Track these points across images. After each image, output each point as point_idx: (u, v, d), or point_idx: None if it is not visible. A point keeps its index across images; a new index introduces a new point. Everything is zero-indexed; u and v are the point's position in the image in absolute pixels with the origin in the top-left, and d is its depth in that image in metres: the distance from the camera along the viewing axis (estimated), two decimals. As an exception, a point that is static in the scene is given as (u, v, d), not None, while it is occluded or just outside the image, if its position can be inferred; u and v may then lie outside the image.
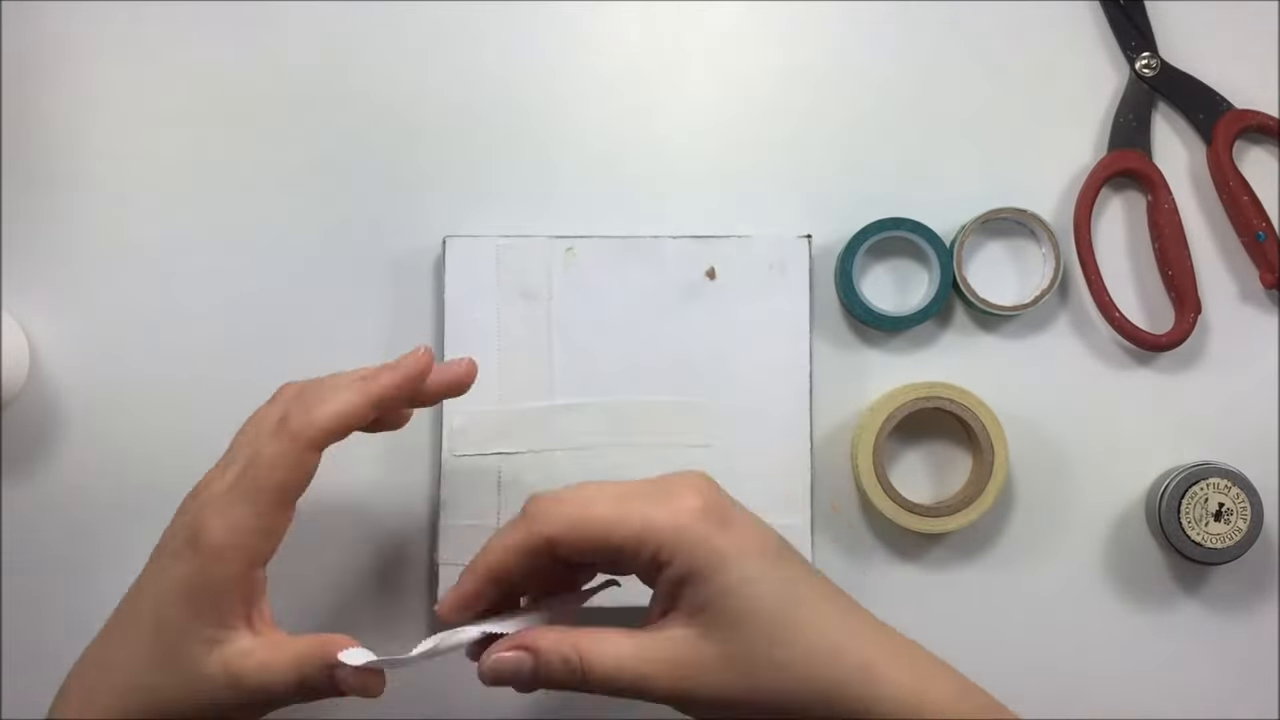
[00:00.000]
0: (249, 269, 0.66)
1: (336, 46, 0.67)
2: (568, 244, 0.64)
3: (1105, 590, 0.66)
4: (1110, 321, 0.65)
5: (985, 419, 0.63)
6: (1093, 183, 0.65)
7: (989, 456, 0.63)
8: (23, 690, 0.65)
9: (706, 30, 0.67)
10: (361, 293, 0.66)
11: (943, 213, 0.66)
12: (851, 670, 0.47)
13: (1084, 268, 0.65)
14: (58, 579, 0.65)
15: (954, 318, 0.67)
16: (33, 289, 0.66)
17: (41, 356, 0.66)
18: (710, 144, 0.67)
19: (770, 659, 0.47)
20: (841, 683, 0.47)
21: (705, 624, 0.47)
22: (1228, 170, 0.66)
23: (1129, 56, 0.67)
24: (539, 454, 0.63)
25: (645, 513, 0.47)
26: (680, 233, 0.65)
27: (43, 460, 0.66)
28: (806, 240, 0.65)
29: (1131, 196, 0.67)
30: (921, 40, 0.67)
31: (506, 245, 0.64)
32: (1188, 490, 0.63)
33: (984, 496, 0.63)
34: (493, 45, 0.67)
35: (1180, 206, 0.66)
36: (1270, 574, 0.66)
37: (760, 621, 0.47)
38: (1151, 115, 0.67)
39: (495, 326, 0.64)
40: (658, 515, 0.47)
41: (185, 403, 0.66)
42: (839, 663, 0.47)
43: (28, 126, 0.66)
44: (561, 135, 0.67)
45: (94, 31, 0.67)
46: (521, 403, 0.63)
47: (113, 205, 0.66)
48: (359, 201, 0.66)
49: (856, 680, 0.47)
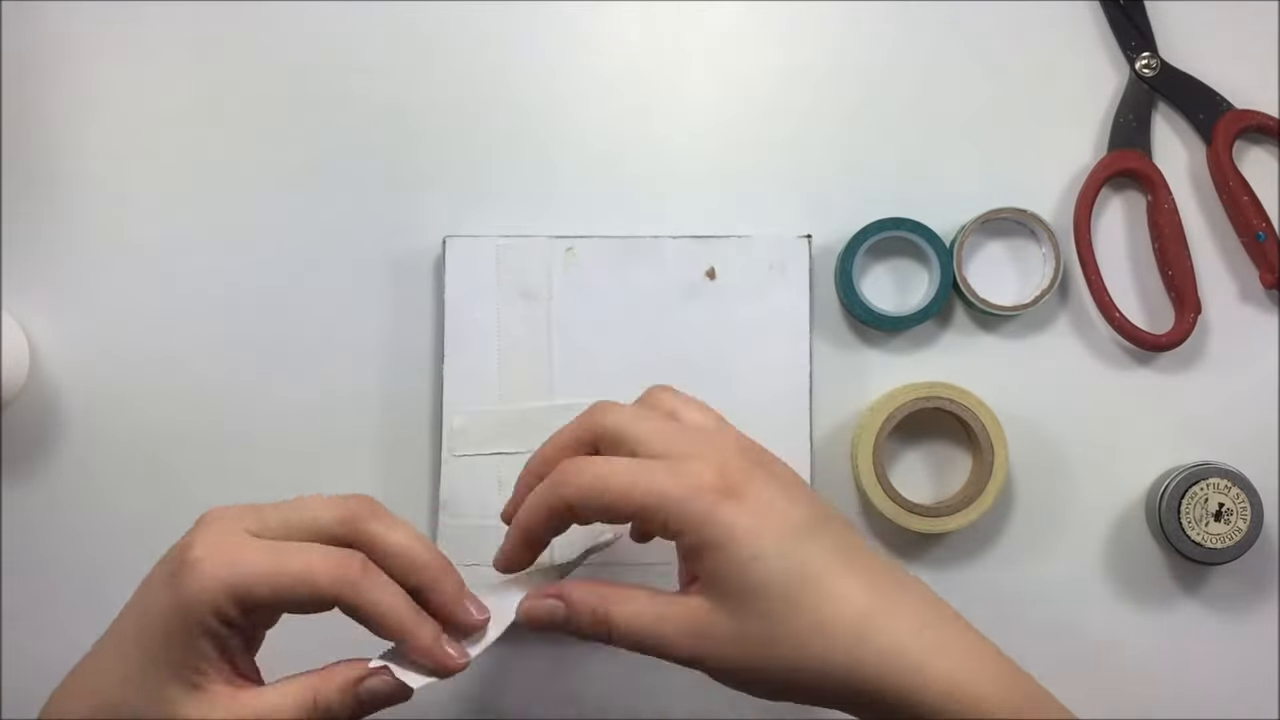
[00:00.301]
0: (249, 269, 0.66)
1: (336, 46, 0.67)
2: (568, 244, 0.64)
3: (1105, 590, 0.66)
4: (1110, 321, 0.65)
5: (985, 419, 0.63)
6: (1093, 183, 0.65)
7: (989, 456, 0.63)
8: (23, 690, 0.65)
9: (706, 30, 0.67)
10: (361, 293, 0.66)
11: (943, 213, 0.66)
12: (874, 655, 0.46)
13: (1084, 268, 0.65)
14: (58, 579, 0.65)
15: (954, 318, 0.67)
16: (33, 289, 0.66)
17: (41, 356, 0.66)
18: (710, 144, 0.67)
19: (780, 635, 0.47)
20: (861, 664, 0.46)
21: (718, 596, 0.47)
22: (1228, 170, 0.66)
23: (1129, 56, 0.67)
24: None
25: (658, 484, 0.48)
26: (680, 233, 0.65)
27: (43, 460, 0.66)
28: (806, 240, 0.65)
29: (1131, 196, 0.67)
30: (921, 40, 0.67)
31: (506, 245, 0.64)
32: (1188, 490, 0.63)
33: (984, 496, 0.63)
34: (493, 45, 0.67)
35: (1180, 206, 0.66)
36: (1270, 574, 0.66)
37: (769, 598, 0.47)
38: (1151, 115, 0.67)
39: (495, 326, 0.64)
40: (669, 487, 0.47)
41: (185, 402, 0.66)
42: (861, 645, 0.46)
43: (28, 126, 0.66)
44: (561, 135, 0.67)
45: (94, 31, 0.67)
46: (521, 403, 0.63)
47: (113, 205, 0.66)
48: (359, 201, 0.66)
49: (878, 664, 0.46)
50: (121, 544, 0.65)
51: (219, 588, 0.46)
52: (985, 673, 0.48)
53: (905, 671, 0.46)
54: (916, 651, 0.47)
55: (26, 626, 0.65)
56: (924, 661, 0.47)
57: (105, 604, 0.65)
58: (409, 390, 0.65)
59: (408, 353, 0.66)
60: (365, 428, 0.65)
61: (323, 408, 0.65)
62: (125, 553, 0.65)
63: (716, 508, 0.47)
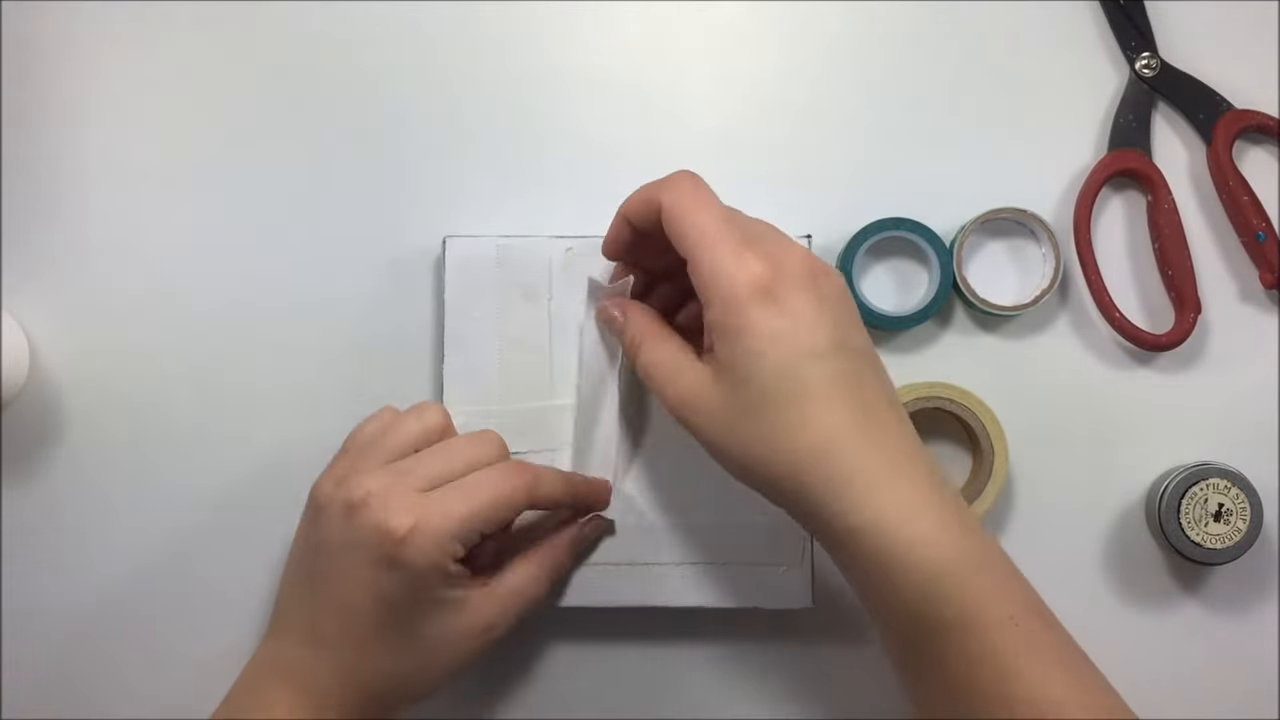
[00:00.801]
0: (249, 268, 0.66)
1: (336, 46, 0.67)
2: (568, 244, 0.64)
3: (1105, 590, 0.66)
4: (1110, 321, 0.65)
5: (985, 419, 0.63)
6: (1093, 183, 0.65)
7: (989, 457, 0.63)
8: (23, 690, 0.65)
9: (706, 30, 0.67)
10: (361, 292, 0.66)
11: (943, 213, 0.66)
12: (828, 475, 0.49)
13: (1084, 268, 0.65)
14: (58, 579, 0.65)
15: (954, 318, 0.67)
16: (33, 289, 0.66)
17: (41, 356, 0.66)
18: (710, 144, 0.67)
19: (754, 431, 0.50)
20: (814, 481, 0.49)
21: (720, 372, 0.51)
22: (1228, 170, 0.66)
23: (1129, 56, 0.67)
24: (539, 454, 0.63)
25: (717, 256, 0.51)
26: None
27: (43, 460, 0.66)
28: (806, 240, 0.65)
29: (1132, 196, 0.67)
30: (921, 40, 0.67)
31: (506, 245, 0.64)
32: (1188, 490, 0.63)
33: (984, 497, 0.63)
34: (492, 45, 0.67)
35: (1180, 206, 0.66)
36: (1270, 574, 0.66)
37: (758, 398, 0.49)
38: (1151, 115, 0.67)
39: (495, 326, 0.64)
40: (725, 263, 0.50)
41: (185, 402, 0.66)
42: (821, 463, 0.49)
43: (28, 126, 0.66)
44: (562, 135, 0.67)
45: (94, 31, 0.67)
46: (521, 403, 0.63)
47: (113, 205, 0.66)
48: (359, 201, 0.66)
49: (826, 483, 0.49)
50: (121, 544, 0.65)
51: (439, 550, 0.52)
52: (930, 517, 0.49)
53: (843, 498, 0.49)
54: (860, 487, 0.49)
55: (26, 626, 0.65)
56: (865, 498, 0.49)
57: (104, 604, 0.66)
58: (409, 389, 0.65)
59: (408, 352, 0.66)
60: (365, 428, 0.65)
61: (322, 407, 0.65)
62: (125, 553, 0.66)
63: (751, 302, 0.49)
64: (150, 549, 0.66)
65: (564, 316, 0.64)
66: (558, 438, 0.63)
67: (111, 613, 0.65)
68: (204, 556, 0.65)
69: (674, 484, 0.62)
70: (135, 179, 0.66)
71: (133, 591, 0.65)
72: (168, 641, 0.65)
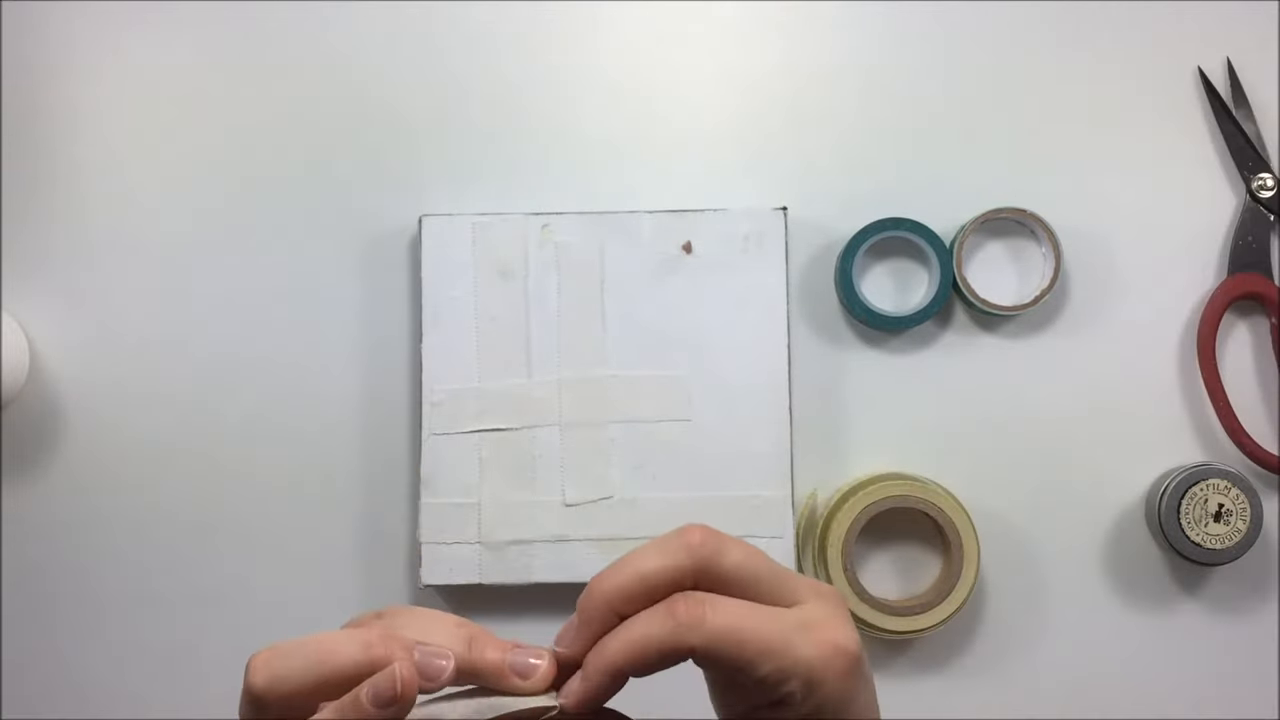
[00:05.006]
0: (235, 258, 0.66)
1: (315, 30, 0.67)
2: (544, 221, 0.64)
3: (1105, 590, 0.66)
4: (1240, 447, 0.65)
5: (955, 516, 0.62)
6: (1215, 307, 0.65)
7: (959, 555, 0.62)
8: (23, 690, 0.65)
9: (706, 28, 0.67)
10: (338, 273, 0.66)
11: (943, 213, 0.66)
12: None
13: (1210, 393, 0.65)
14: (58, 579, 0.65)
15: (954, 318, 0.67)
16: (33, 289, 0.66)
17: (41, 356, 0.66)
18: (709, 144, 0.67)
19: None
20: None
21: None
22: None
23: (1245, 177, 0.66)
24: (518, 431, 0.63)
25: (798, 649, 0.42)
26: (658, 208, 0.65)
27: (43, 460, 0.66)
28: (782, 212, 0.64)
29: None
30: (922, 40, 0.67)
31: (483, 223, 0.64)
32: (1188, 490, 0.63)
33: (952, 599, 0.62)
34: (467, 24, 0.67)
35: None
36: (1270, 574, 0.66)
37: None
38: (1270, 236, 0.66)
39: (473, 305, 0.63)
40: (809, 653, 0.42)
41: (184, 402, 0.66)
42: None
43: (28, 126, 0.66)
44: (541, 114, 0.66)
45: (94, 32, 0.67)
46: (500, 380, 0.63)
47: (113, 205, 0.66)
48: (334, 181, 0.66)
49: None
50: (121, 544, 0.65)
51: None
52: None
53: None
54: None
55: (27, 627, 0.65)
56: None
57: (105, 604, 0.66)
58: (388, 369, 0.65)
59: (386, 332, 0.66)
60: (346, 407, 0.66)
61: (304, 389, 0.65)
62: (125, 552, 0.66)
63: (852, 694, 0.43)
64: (149, 548, 0.66)
65: (541, 293, 0.64)
66: (537, 415, 0.63)
67: (111, 612, 0.65)
68: (204, 556, 0.65)
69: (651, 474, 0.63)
70: (135, 179, 0.66)
71: (133, 591, 0.65)
72: (168, 641, 0.65)
